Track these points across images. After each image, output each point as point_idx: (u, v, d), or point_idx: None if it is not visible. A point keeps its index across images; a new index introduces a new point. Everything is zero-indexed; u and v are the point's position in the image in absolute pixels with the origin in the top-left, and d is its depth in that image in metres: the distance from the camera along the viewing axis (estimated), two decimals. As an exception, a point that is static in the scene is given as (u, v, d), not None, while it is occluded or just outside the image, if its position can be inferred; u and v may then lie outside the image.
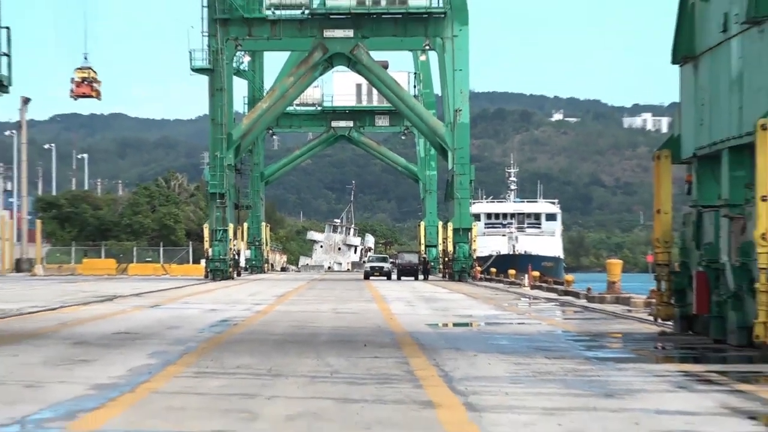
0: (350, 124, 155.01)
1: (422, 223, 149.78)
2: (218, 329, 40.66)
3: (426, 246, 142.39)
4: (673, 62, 39.38)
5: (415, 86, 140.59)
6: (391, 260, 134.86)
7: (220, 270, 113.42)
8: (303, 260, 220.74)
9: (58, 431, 17.77)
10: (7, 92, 43.99)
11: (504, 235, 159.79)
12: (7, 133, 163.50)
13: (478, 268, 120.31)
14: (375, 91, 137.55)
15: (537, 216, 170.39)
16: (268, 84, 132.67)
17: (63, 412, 19.84)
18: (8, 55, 42.50)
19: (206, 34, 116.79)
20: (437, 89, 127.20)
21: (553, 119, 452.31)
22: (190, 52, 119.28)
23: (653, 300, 42.90)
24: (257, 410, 20.00)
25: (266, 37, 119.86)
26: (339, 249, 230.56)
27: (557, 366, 28.04)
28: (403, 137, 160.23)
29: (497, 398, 21.74)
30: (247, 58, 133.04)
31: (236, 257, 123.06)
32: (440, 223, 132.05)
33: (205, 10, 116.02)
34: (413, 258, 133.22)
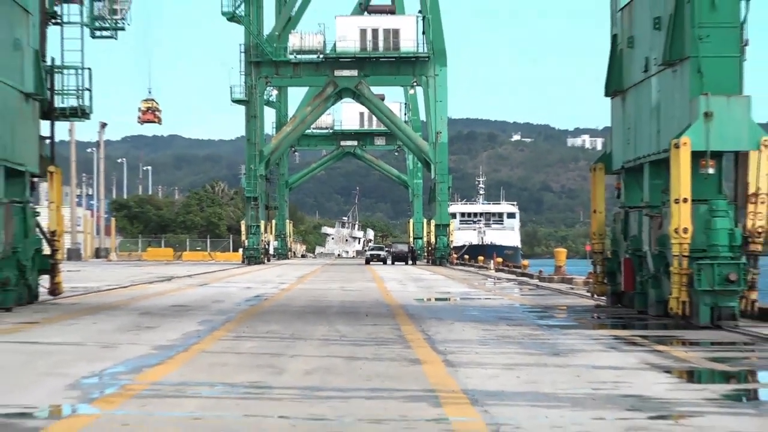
0: (355, 143, 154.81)
1: (411, 221, 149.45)
2: (252, 303, 40.56)
3: (414, 238, 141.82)
4: (606, 95, 39.34)
5: (405, 114, 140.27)
6: (387, 249, 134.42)
7: (254, 257, 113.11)
8: (318, 249, 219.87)
9: (128, 382, 17.75)
10: (88, 119, 43.99)
11: (474, 230, 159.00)
12: (88, 150, 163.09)
13: (454, 255, 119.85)
14: (374, 118, 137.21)
15: (500, 215, 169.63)
16: (291, 112, 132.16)
17: (131, 367, 19.90)
18: (90, 90, 42.49)
19: (243, 73, 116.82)
20: (423, 116, 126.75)
21: (512, 139, 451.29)
22: (231, 87, 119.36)
23: (590, 280, 42.79)
24: (282, 366, 20.06)
25: (290, 76, 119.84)
26: (346, 240, 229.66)
27: (516, 331, 28.04)
28: (396, 153, 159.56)
29: (469, 356, 21.78)
30: (275, 92, 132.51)
31: (266, 247, 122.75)
32: (425, 220, 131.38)
33: (243, 54, 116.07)
34: (404, 247, 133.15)
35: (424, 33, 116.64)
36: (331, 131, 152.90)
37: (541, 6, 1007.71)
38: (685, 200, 29.68)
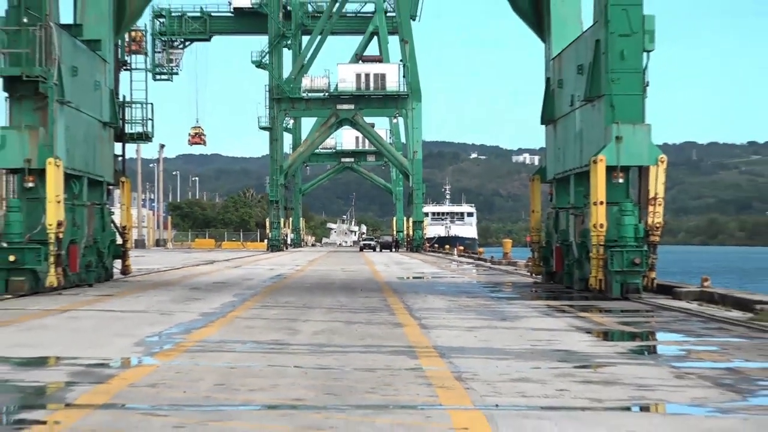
0: (352, 160, 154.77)
1: (394, 218, 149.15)
2: (274, 280, 40.56)
3: (396, 231, 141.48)
4: (542, 123, 39.35)
5: (390, 137, 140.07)
6: (376, 240, 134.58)
7: (276, 246, 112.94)
8: (324, 240, 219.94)
9: (180, 340, 17.74)
10: (151, 141, 43.99)
11: (442, 225, 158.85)
12: (150, 165, 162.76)
13: (427, 245, 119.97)
14: (367, 141, 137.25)
15: (461, 214, 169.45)
16: (303, 136, 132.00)
17: (183, 329, 19.90)
18: (151, 119, 42.47)
19: (267, 107, 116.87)
20: (403, 139, 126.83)
21: (471, 157, 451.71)
22: (258, 117, 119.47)
23: (530, 263, 42.85)
24: (297, 328, 20.06)
25: (303, 109, 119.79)
26: (345, 233, 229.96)
27: (474, 302, 28.07)
28: (383, 167, 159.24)
29: (438, 321, 21.78)
30: (291, 121, 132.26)
31: (285, 238, 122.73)
32: (405, 218, 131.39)
33: (267, 93, 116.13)
34: (389, 238, 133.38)
35: (404, 76, 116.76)
36: (334, 151, 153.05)
37: (492, 56, 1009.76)
38: (601, 203, 29.76)
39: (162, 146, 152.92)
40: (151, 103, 42.91)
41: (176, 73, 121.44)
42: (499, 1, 37.76)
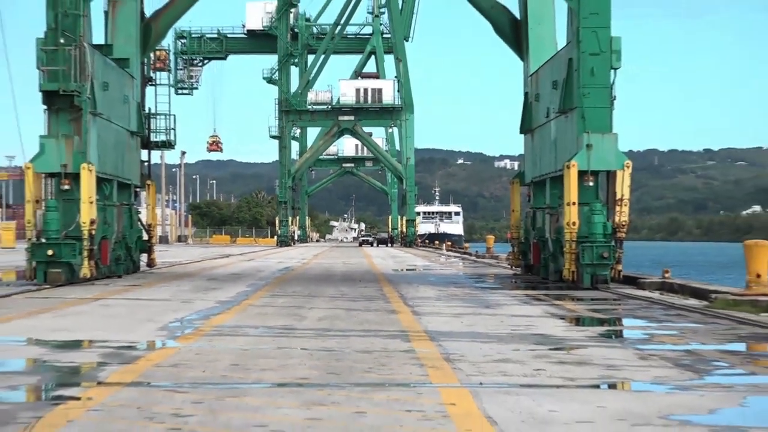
0: (352, 165, 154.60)
1: (390, 217, 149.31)
2: (283, 272, 40.56)
3: (392, 228, 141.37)
4: (521, 132, 39.35)
5: (386, 145, 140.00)
6: (373, 236, 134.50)
7: (284, 241, 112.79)
8: (327, 236, 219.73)
9: (199, 326, 17.73)
10: (173, 148, 43.99)
11: (432, 223, 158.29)
12: (173, 169, 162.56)
13: (419, 240, 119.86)
14: (365, 148, 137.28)
15: (449, 213, 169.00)
16: (309, 143, 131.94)
17: (202, 315, 19.90)
18: (174, 129, 42.46)
19: (277, 118, 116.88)
20: (398, 146, 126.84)
21: (458, 162, 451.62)
22: (269, 127, 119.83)
23: (510, 257, 42.87)
24: (303, 314, 20.05)
25: (308, 120, 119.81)
26: (346, 230, 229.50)
27: (460, 291, 28.09)
28: (380, 172, 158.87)
29: (429, 308, 21.79)
30: (298, 131, 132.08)
31: (293, 235, 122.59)
32: (399, 217, 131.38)
33: (277, 105, 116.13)
34: (385, 235, 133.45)
35: (398, 91, 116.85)
36: (336, 157, 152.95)
37: (477, 72, 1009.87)
38: (574, 203, 29.77)
39: (183, 153, 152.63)
40: (174, 115, 42.95)
41: (196, 88, 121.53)
42: (483, 25, 37.78)
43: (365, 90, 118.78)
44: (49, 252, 30.05)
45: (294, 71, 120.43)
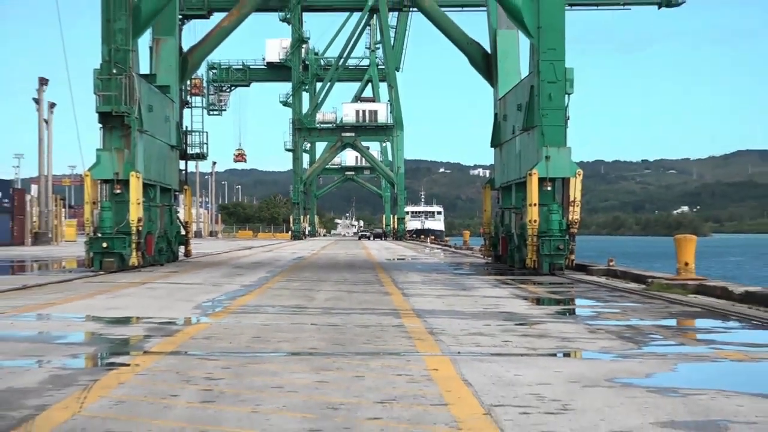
0: (353, 173, 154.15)
1: (384, 216, 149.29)
2: (296, 261, 40.55)
3: (385, 225, 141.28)
4: (491, 146, 39.39)
5: (381, 156, 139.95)
6: (370, 231, 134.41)
7: (297, 236, 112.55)
8: (333, 232, 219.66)
9: (227, 305, 17.70)
10: (206, 159, 44.17)
11: (419, 221, 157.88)
12: (206, 177, 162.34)
13: (408, 235, 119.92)
14: (364, 159, 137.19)
15: (433, 212, 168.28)
16: (317, 155, 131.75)
17: (229, 296, 19.86)
18: (206, 143, 42.46)
19: (291, 134, 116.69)
20: (390, 158, 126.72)
21: (440, 171, 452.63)
22: (284, 142, 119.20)
23: (483, 249, 42.91)
24: (312, 296, 20.05)
25: (317, 136, 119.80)
26: (348, 226, 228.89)
27: (442, 277, 28.10)
28: (375, 179, 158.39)
29: (416, 291, 21.80)
30: (308, 145, 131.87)
31: (304, 230, 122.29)
32: (391, 215, 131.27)
33: (291, 124, 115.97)
34: (380, 230, 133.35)
35: (391, 112, 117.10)
36: (339, 166, 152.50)
37: (455, 96, 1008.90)
38: (535, 204, 29.79)
39: (214, 163, 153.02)
40: (206, 132, 42.97)
41: (224, 110, 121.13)
42: (460, 59, 37.81)
43: (364, 111, 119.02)
44: (104, 244, 30.11)
45: (305, 96, 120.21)
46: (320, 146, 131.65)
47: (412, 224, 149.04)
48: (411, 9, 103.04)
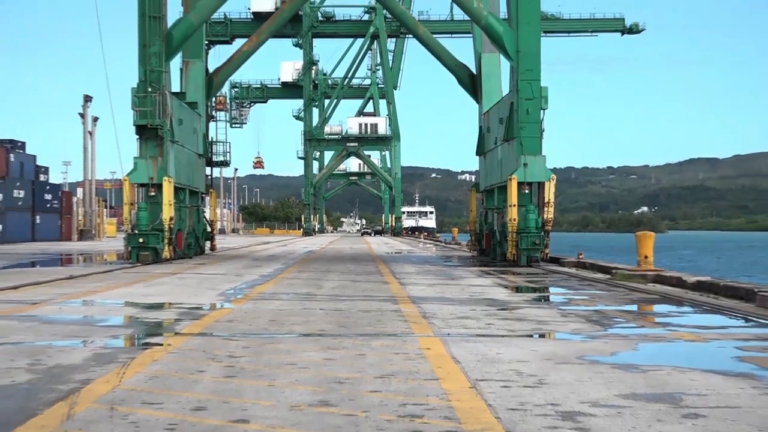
0: (357, 178, 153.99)
1: (383, 215, 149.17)
2: (307, 254, 40.47)
3: (384, 223, 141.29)
4: (476, 155, 39.37)
5: (380, 163, 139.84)
6: (372, 229, 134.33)
7: (308, 232, 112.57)
8: (339, 229, 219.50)
9: (247, 292, 17.68)
10: (228, 166, 44.07)
11: (414, 219, 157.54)
12: (228, 181, 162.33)
13: (404, 232, 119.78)
14: (366, 166, 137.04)
15: (426, 212, 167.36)
16: (325, 162, 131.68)
17: (249, 285, 19.82)
18: (229, 152, 42.44)
19: (303, 144, 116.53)
20: (389, 165, 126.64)
21: (432, 176, 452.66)
22: (297, 151, 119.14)
23: (469, 244, 42.90)
24: (321, 284, 20.03)
25: (325, 146, 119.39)
26: (352, 225, 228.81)
27: (434, 268, 28.07)
28: (376, 183, 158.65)
29: (411, 280, 21.79)
30: (318, 153, 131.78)
31: (314, 227, 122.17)
32: (390, 215, 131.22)
33: (303, 135, 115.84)
34: (380, 228, 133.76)
35: (389, 125, 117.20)
36: (345, 172, 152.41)
37: (445, 111, 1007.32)
38: (514, 205, 29.78)
39: (236, 169, 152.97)
40: (229, 142, 42.91)
41: (245, 123, 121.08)
42: (450, 78, 37.77)
43: (365, 124, 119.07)
44: (140, 240, 30.11)
45: (315, 111, 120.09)
46: (328, 155, 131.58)
47: (408, 222, 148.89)
48: (407, 36, 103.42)
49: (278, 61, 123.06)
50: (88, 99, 69.04)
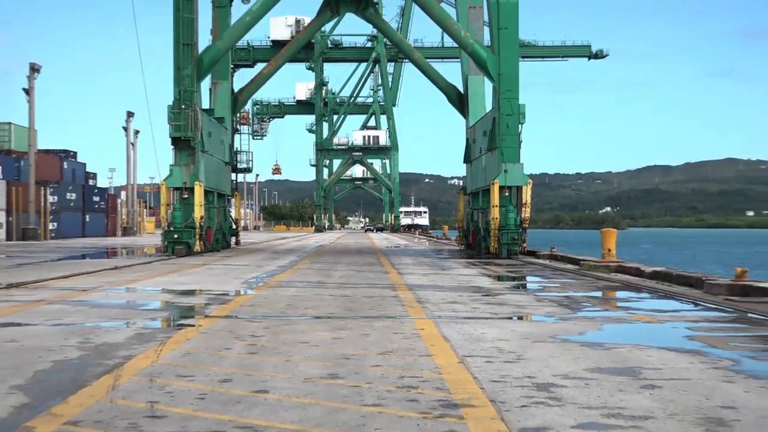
0: (361, 183, 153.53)
1: (383, 215, 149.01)
2: (318, 248, 40.35)
3: (385, 221, 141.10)
4: (464, 162, 39.30)
5: (382, 170, 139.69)
6: (374, 226, 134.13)
7: (319, 229, 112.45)
8: (346, 227, 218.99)
9: (268, 280, 17.67)
10: (251, 172, 44.05)
11: (410, 218, 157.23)
12: (251, 185, 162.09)
13: (402, 229, 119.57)
14: (369, 172, 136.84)
15: (420, 212, 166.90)
16: (334, 169, 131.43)
17: (269, 274, 19.76)
18: (251, 161, 42.43)
19: (315, 154, 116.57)
20: (388, 171, 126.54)
21: (425, 181, 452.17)
22: (309, 159, 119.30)
23: (458, 239, 42.82)
24: (331, 274, 20.00)
25: (333, 155, 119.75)
26: (357, 223, 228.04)
27: (427, 260, 28.03)
28: (378, 187, 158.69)
29: (408, 270, 21.76)
30: (327, 161, 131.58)
31: (324, 225, 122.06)
32: (390, 214, 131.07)
33: (315, 146, 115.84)
34: (382, 226, 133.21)
35: (389, 137, 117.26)
36: (351, 178, 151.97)
37: (436, 125, 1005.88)
38: (496, 206, 29.73)
39: (257, 175, 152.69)
40: (251, 152, 42.96)
41: (265, 135, 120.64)
42: (440, 97, 37.79)
43: (369, 136, 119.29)
44: (175, 236, 30.09)
45: (325, 125, 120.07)
46: (336, 162, 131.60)
47: (405, 221, 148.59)
48: (404, 60, 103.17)
49: (294, 82, 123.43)
50: (130, 115, 69.08)
